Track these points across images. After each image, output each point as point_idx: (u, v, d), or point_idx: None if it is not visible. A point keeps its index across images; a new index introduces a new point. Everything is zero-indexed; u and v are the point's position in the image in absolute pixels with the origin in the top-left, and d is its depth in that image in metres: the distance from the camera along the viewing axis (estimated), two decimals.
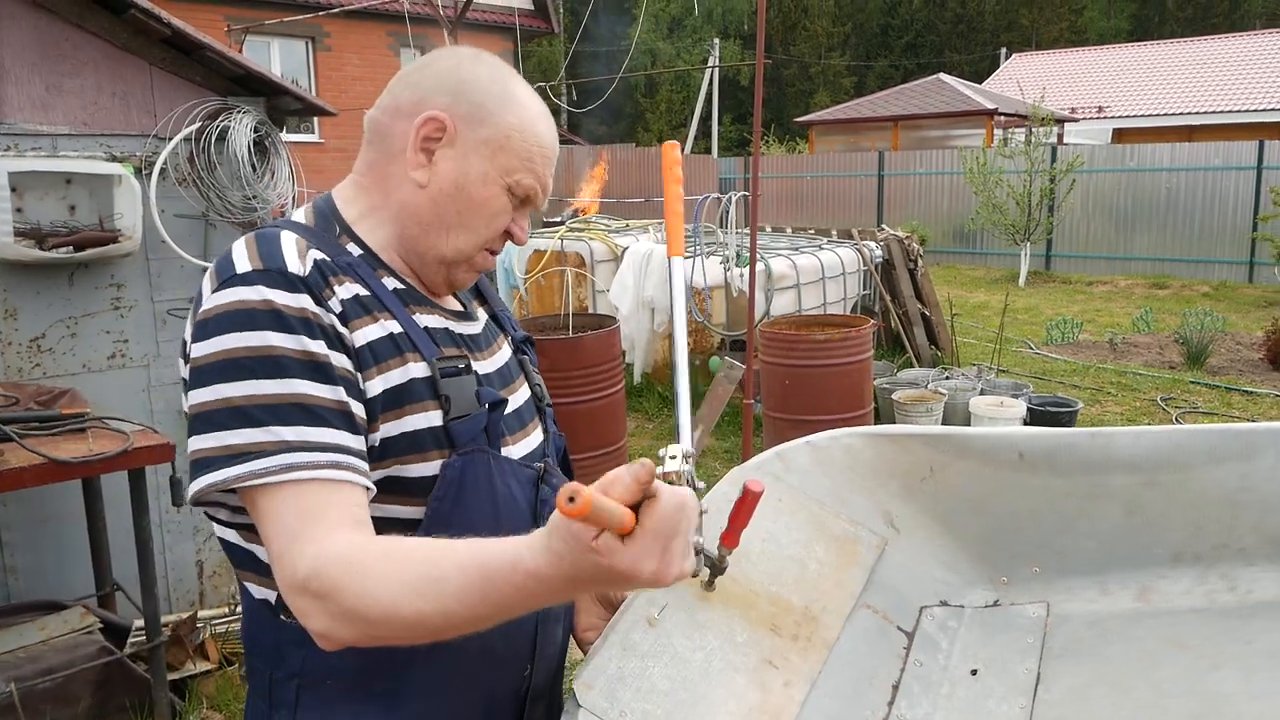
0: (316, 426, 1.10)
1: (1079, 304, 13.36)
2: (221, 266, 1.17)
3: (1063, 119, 22.29)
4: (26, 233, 3.44)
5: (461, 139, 1.25)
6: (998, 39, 38.22)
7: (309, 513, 1.07)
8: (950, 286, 14.50)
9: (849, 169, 19.26)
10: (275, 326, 1.10)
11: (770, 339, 6.06)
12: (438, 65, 1.29)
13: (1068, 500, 1.68)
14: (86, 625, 3.41)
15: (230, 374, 1.10)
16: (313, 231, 1.25)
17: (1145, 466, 1.64)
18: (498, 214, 1.28)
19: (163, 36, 3.64)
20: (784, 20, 39.50)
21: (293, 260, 1.16)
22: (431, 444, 1.21)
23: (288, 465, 1.08)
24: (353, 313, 1.18)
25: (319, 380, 1.11)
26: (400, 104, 1.28)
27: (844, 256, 7.91)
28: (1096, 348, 9.93)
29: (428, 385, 1.22)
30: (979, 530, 1.72)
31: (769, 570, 1.53)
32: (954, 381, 7.17)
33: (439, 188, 1.25)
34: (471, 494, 1.23)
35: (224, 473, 1.08)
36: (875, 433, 1.76)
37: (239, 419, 1.09)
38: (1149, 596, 1.61)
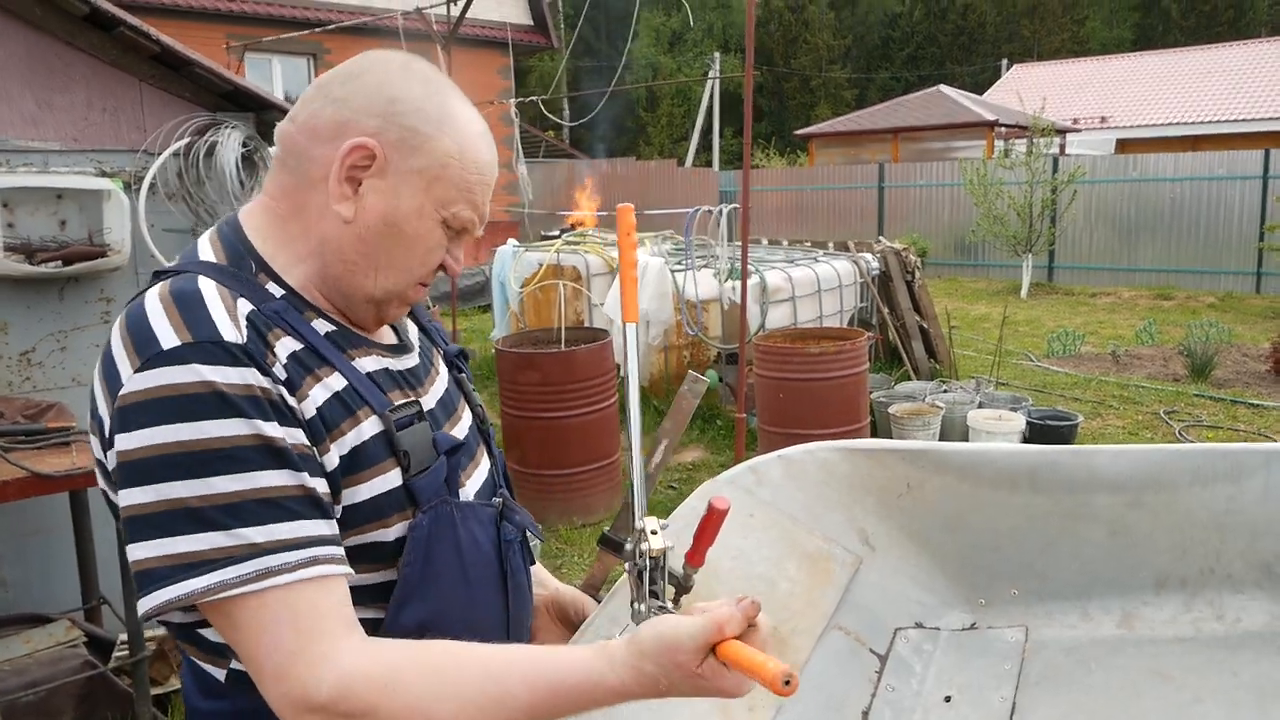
0: (285, 521, 1.00)
1: (1082, 316, 13.34)
2: (140, 338, 1.02)
3: (1065, 129, 22.31)
4: (17, 248, 3.45)
5: (393, 169, 1.12)
6: (999, 50, 38.32)
7: (302, 623, 0.99)
8: (951, 299, 14.48)
9: (849, 181, 19.28)
10: (221, 412, 0.98)
11: (764, 352, 6.05)
12: (364, 79, 1.15)
13: (1049, 520, 1.65)
14: (71, 639, 3.41)
15: (175, 471, 0.97)
16: (229, 273, 1.11)
17: (1130, 486, 1.61)
18: (432, 249, 1.17)
19: (152, 53, 3.66)
20: (784, 34, 39.63)
21: (225, 325, 1.03)
22: (393, 508, 1.13)
23: (262, 571, 0.98)
24: (296, 376, 1.07)
25: (278, 466, 1.01)
26: (320, 125, 1.13)
27: (840, 269, 7.91)
28: (1099, 360, 9.90)
29: (383, 443, 1.13)
30: (957, 549, 1.69)
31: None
32: (952, 395, 7.16)
33: (366, 223, 1.13)
34: (438, 549, 1.17)
35: (186, 585, 0.97)
36: (851, 447, 1.74)
37: (194, 522, 0.97)
38: (1132, 623, 1.58)
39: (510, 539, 1.29)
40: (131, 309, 1.06)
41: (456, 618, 1.17)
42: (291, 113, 1.17)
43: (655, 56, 37.05)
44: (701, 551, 1.29)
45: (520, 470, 5.74)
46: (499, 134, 8.34)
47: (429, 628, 1.15)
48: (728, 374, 7.34)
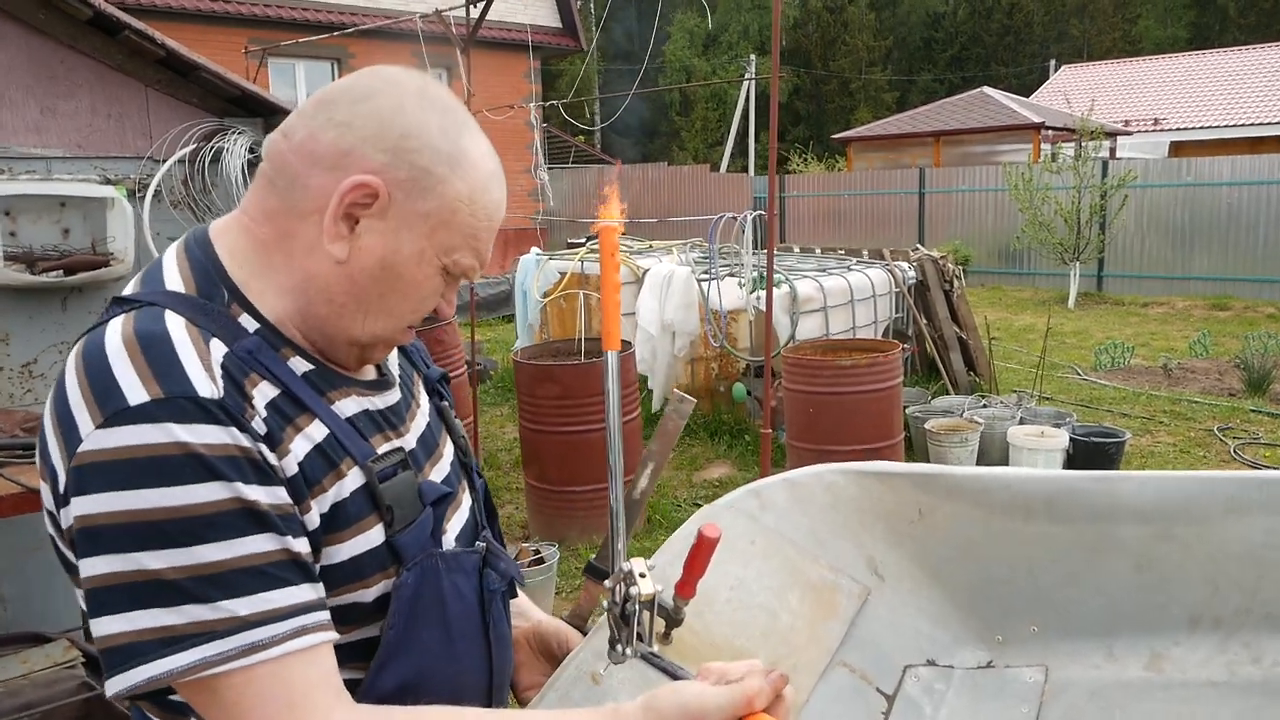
0: (271, 590, 0.96)
1: (1132, 327, 13.12)
2: (101, 388, 0.95)
3: (1115, 132, 22.01)
4: (18, 257, 3.48)
5: (395, 210, 1.05)
6: (1047, 51, 37.96)
7: (295, 698, 0.96)
8: (995, 309, 14.30)
9: (889, 186, 19.13)
10: (198, 476, 0.93)
11: (793, 365, 5.98)
12: (375, 103, 1.06)
13: (1071, 552, 1.57)
14: (69, 659, 3.41)
15: (148, 541, 0.92)
16: (197, 305, 1.03)
17: (1157, 517, 1.52)
18: (427, 296, 1.12)
19: (157, 57, 3.68)
20: (822, 35, 39.52)
21: (200, 377, 0.96)
22: (374, 567, 1.08)
23: (248, 646, 0.94)
24: (276, 429, 1.01)
25: (260, 531, 0.96)
26: (320, 149, 1.05)
27: (874, 278, 7.81)
28: (1149, 373, 9.72)
29: (365, 497, 1.07)
30: (971, 581, 1.63)
31: (735, 621, 1.47)
32: (991, 410, 7.04)
33: (360, 265, 1.06)
34: (421, 606, 1.12)
35: (165, 663, 0.92)
36: (859, 469, 1.68)
37: (171, 594, 0.92)
38: (1160, 665, 1.51)
39: (494, 589, 1.24)
40: (89, 348, 0.98)
41: (439, 675, 1.14)
42: (286, 126, 1.08)
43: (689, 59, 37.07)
44: (692, 582, 1.25)
45: (539, 486, 5.71)
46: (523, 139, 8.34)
47: (410, 688, 1.11)
48: (756, 387, 7.27)
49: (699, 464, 7.06)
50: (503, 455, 7.36)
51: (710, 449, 7.32)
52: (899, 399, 6.07)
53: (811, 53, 39.34)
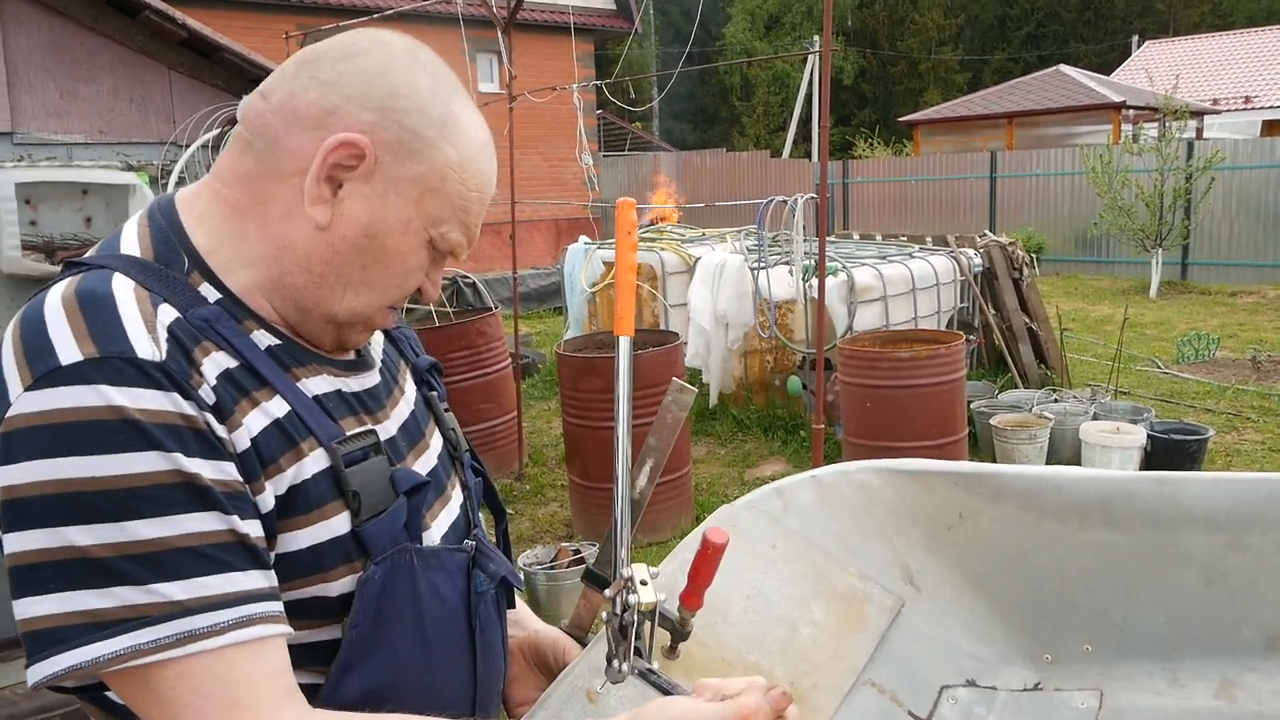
0: (212, 574, 0.89)
1: (1219, 317, 12.68)
2: (33, 348, 0.89)
3: (1202, 111, 21.36)
4: (38, 246, 3.48)
5: (383, 173, 1.01)
6: (1129, 27, 36.98)
7: (234, 695, 0.90)
8: (1070, 299, 13.94)
9: (958, 171, 18.75)
10: (132, 444, 0.87)
11: (849, 357, 5.84)
12: (362, 62, 1.02)
13: (1130, 562, 1.44)
14: None
15: (75, 514, 0.86)
16: (151, 269, 0.98)
17: (1229, 524, 1.38)
18: (412, 271, 1.06)
19: (179, 39, 3.66)
20: (890, 14, 38.94)
21: (140, 338, 0.90)
22: (338, 559, 1.02)
23: (184, 634, 0.88)
24: (227, 399, 0.95)
25: (203, 509, 0.90)
26: (302, 108, 1.00)
27: (938, 266, 7.61)
28: (1237, 366, 9.37)
29: (329, 481, 1.01)
30: (1019, 593, 1.50)
31: (750, 634, 1.36)
32: (1063, 404, 6.81)
33: (342, 233, 1.01)
34: (392, 607, 1.05)
35: (89, 650, 0.85)
36: (894, 468, 1.56)
37: (101, 574, 0.86)
38: (1233, 693, 1.37)
39: (482, 590, 1.17)
40: (27, 311, 0.93)
41: (411, 684, 1.07)
42: (264, 86, 1.03)
43: (750, 41, 36.76)
44: (698, 592, 1.17)
45: (582, 484, 5.64)
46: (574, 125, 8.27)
47: (377, 695, 1.04)
48: (812, 380, 7.12)
49: (751, 460, 6.94)
50: (548, 451, 7.32)
51: (764, 445, 7.20)
52: (963, 393, 5.89)
53: (879, 32, 38.79)
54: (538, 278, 13.81)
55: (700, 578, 1.17)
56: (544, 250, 15.99)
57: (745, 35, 36.95)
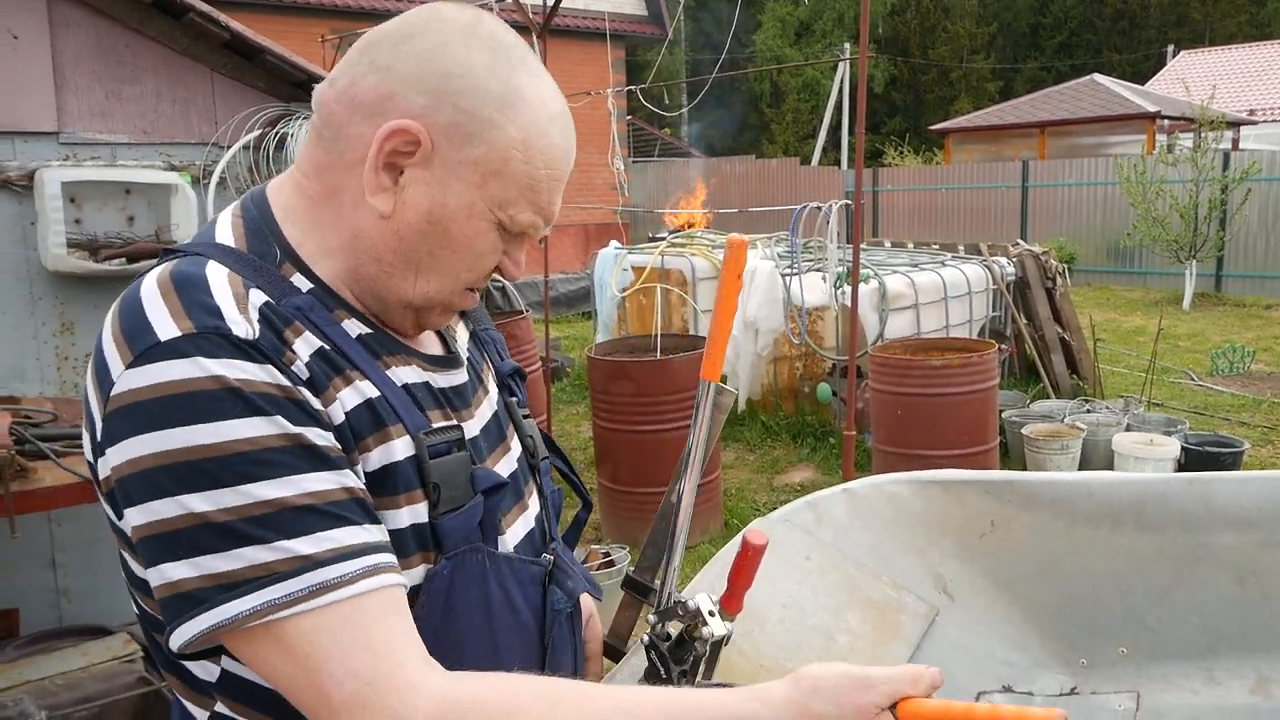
0: (335, 528, 0.91)
1: (1254, 330, 12.53)
2: (131, 327, 0.92)
3: (1239, 121, 21.13)
4: (82, 244, 3.54)
5: (441, 158, 0.99)
6: (1164, 36, 36.63)
7: (376, 644, 0.90)
8: (1103, 309, 13.82)
9: (989, 180, 18.64)
10: (238, 411, 0.88)
11: (880, 364, 5.82)
12: (417, 43, 1.00)
13: (1161, 563, 1.45)
14: (129, 653, 3.46)
15: (191, 482, 0.87)
16: (245, 260, 1.00)
17: (1261, 521, 1.39)
18: (483, 254, 1.05)
19: (222, 41, 3.71)
20: (922, 22, 38.77)
21: (233, 314, 0.92)
22: (414, 546, 1.02)
23: (318, 585, 0.89)
24: (321, 377, 0.97)
25: (317, 468, 0.91)
26: (361, 93, 1.00)
27: (970, 274, 7.58)
28: (1272, 380, 9.26)
29: (413, 469, 1.01)
30: (1052, 599, 1.51)
31: (787, 643, 1.37)
32: (1096, 415, 6.76)
33: (406, 221, 1.01)
34: (462, 604, 1.05)
35: (230, 607, 0.87)
36: (924, 479, 1.57)
37: (226, 538, 0.88)
38: (1269, 689, 1.37)
39: (559, 608, 1.16)
40: (126, 295, 0.96)
41: None
42: (332, 74, 1.04)
43: (780, 48, 36.71)
44: (738, 596, 1.18)
45: (611, 487, 5.66)
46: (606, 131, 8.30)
47: None
48: (842, 388, 7.10)
49: (780, 467, 6.93)
50: (577, 455, 7.34)
51: (793, 452, 7.19)
52: (994, 402, 5.86)
53: (910, 40, 38.64)
54: (566, 282, 13.85)
55: (740, 580, 1.17)
56: (573, 255, 16.04)
57: (776, 42, 36.91)
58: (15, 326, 3.54)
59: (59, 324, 3.62)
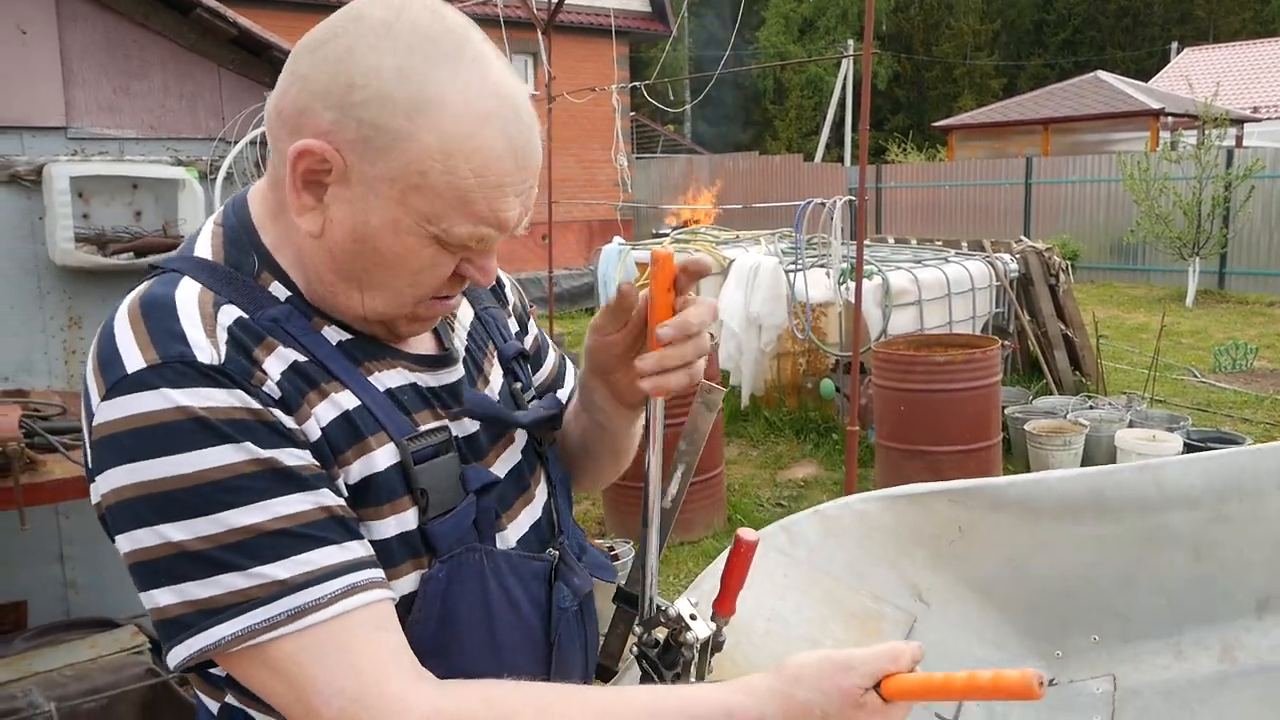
0: (311, 550, 0.91)
1: (1256, 327, 12.53)
2: (105, 358, 0.92)
3: (1242, 119, 21.11)
4: (90, 238, 3.56)
5: (356, 175, 0.93)
6: (1168, 33, 36.57)
7: (360, 662, 0.91)
8: (1106, 306, 13.82)
9: (992, 176, 18.64)
10: (208, 440, 0.88)
11: (884, 360, 5.83)
12: (328, 49, 0.93)
13: (1123, 550, 1.51)
14: (136, 645, 3.48)
15: (167, 512, 0.88)
16: (220, 273, 0.99)
17: (1207, 499, 1.47)
18: (422, 270, 0.98)
19: (230, 36, 3.72)
20: (925, 19, 38.74)
21: (198, 339, 0.91)
22: (405, 554, 1.01)
23: (295, 609, 0.89)
24: (294, 393, 0.95)
25: (289, 490, 0.91)
26: (284, 106, 0.96)
27: (973, 270, 7.59)
28: (1275, 377, 9.27)
29: (398, 476, 1.00)
30: (1023, 596, 1.56)
31: (775, 652, 1.40)
32: (1099, 412, 6.77)
33: (335, 239, 0.96)
34: (459, 606, 1.04)
35: (214, 632, 0.89)
36: (890, 495, 1.62)
37: (204, 565, 0.89)
38: (1234, 655, 1.43)
39: (565, 606, 1.15)
40: (106, 321, 0.96)
41: None
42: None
43: (784, 45, 36.69)
44: (731, 598, 1.19)
45: (615, 482, 5.64)
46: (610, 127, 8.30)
47: None
48: (846, 383, 7.12)
49: (783, 463, 6.94)
50: None
51: (796, 448, 7.20)
52: (997, 398, 5.87)
53: (913, 37, 38.60)
54: (570, 278, 13.87)
55: (733, 581, 1.18)
56: (576, 251, 16.05)
57: (779, 39, 36.90)
58: (23, 320, 3.55)
59: (66, 318, 3.64)
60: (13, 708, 3.12)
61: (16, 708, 3.13)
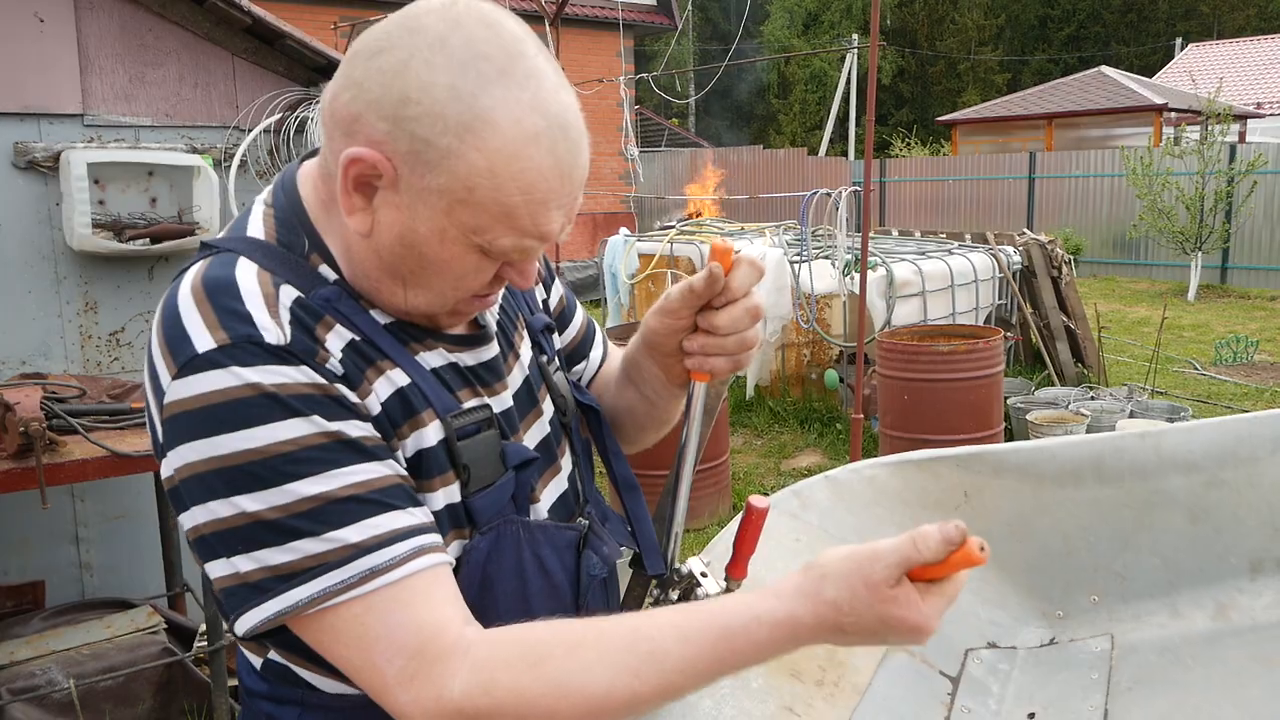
0: (380, 514, 0.95)
1: (1258, 321, 12.55)
2: (174, 338, 0.96)
3: (1245, 114, 21.11)
4: (106, 225, 3.60)
5: (405, 184, 0.95)
6: (1173, 29, 36.54)
7: (421, 620, 0.94)
8: (1108, 300, 13.85)
9: (996, 171, 18.65)
10: (276, 414, 0.92)
11: (888, 350, 5.87)
12: (383, 60, 0.95)
13: (1122, 513, 1.57)
14: (151, 625, 3.53)
15: (241, 484, 0.92)
16: (274, 253, 1.02)
17: (1205, 464, 1.53)
18: (464, 275, 1.01)
19: (244, 25, 3.76)
20: (930, 14, 38.69)
21: (264, 320, 0.95)
22: (449, 525, 1.05)
23: (367, 571, 0.93)
24: (355, 370, 0.99)
25: (358, 460, 0.95)
26: (339, 109, 0.98)
27: (976, 262, 7.62)
28: (1275, 370, 9.30)
29: (444, 452, 1.04)
30: (1026, 559, 1.62)
31: None
32: (1100, 402, 6.81)
33: (383, 241, 0.99)
34: (497, 573, 1.08)
35: (289, 596, 0.93)
36: (899, 460, 1.67)
37: (280, 533, 0.92)
38: (1227, 614, 1.50)
39: (595, 574, 1.19)
40: (167, 299, 0.99)
41: None
42: (331, 80, 1.02)
43: (788, 39, 36.67)
44: (743, 561, 1.23)
45: None
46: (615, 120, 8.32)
47: None
48: (850, 374, 7.16)
49: (788, 452, 6.99)
50: None
51: (800, 437, 7.25)
52: (1000, 389, 5.91)
53: (918, 32, 38.56)
54: (575, 270, 13.91)
55: (745, 546, 1.22)
56: (581, 243, 16.08)
57: (783, 33, 36.88)
58: (40, 305, 3.60)
59: (83, 303, 3.69)
60: (32, 684, 3.18)
61: (36, 684, 3.18)
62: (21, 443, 2.85)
